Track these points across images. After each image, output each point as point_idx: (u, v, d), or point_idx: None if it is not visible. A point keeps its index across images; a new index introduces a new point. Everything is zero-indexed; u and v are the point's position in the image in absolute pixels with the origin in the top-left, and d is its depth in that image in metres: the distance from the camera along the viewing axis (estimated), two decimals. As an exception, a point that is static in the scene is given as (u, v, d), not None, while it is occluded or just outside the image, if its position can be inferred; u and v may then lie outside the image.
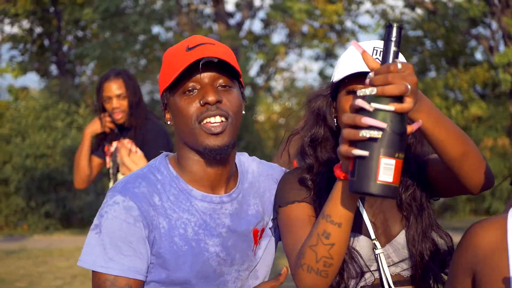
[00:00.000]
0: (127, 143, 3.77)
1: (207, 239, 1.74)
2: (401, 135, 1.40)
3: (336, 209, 1.48)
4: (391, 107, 1.38)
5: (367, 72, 1.49)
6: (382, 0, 23.46)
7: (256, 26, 49.31)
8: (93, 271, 1.74)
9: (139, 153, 3.70)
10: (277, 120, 23.50)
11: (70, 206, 15.55)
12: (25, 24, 19.60)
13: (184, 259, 1.72)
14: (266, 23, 24.41)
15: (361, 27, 24.32)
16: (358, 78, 1.72)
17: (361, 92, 1.40)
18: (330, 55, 25.17)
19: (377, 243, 1.78)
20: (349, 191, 1.41)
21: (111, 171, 3.89)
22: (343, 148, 1.40)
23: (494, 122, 21.11)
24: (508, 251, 1.43)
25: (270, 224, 1.90)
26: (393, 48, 1.49)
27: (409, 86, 1.39)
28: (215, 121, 1.71)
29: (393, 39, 1.51)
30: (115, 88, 3.67)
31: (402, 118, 1.42)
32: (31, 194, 15.70)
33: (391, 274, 1.79)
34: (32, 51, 20.21)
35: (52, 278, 7.86)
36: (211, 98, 1.69)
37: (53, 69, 21.11)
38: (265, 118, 23.30)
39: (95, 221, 1.69)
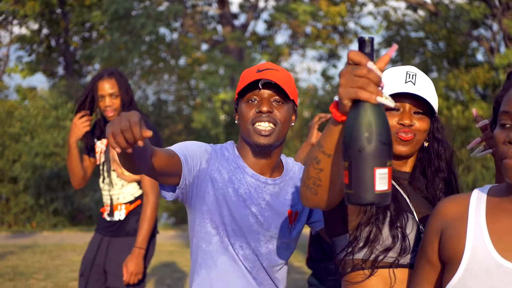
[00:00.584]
0: None
1: (249, 203, 2.24)
2: (389, 144, 1.47)
3: (329, 142, 1.60)
4: (392, 101, 1.47)
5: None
6: (384, 2, 23.55)
7: (260, 27, 49.36)
8: None
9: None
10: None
11: (78, 204, 15.78)
12: (33, 25, 19.84)
13: (235, 204, 2.22)
14: (270, 24, 24.57)
15: (364, 28, 24.37)
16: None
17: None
18: (333, 56, 25.32)
19: (422, 227, 2.00)
20: (347, 203, 1.49)
21: (102, 167, 3.92)
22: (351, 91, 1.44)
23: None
24: (468, 219, 1.74)
25: (305, 215, 2.36)
26: None
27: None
28: (264, 126, 2.24)
29: (366, 51, 1.47)
30: (108, 87, 3.74)
31: (388, 127, 1.47)
32: (39, 192, 15.91)
33: None
34: (39, 51, 20.44)
35: (68, 270, 8.13)
36: (264, 108, 2.22)
37: (59, 69, 21.35)
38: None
39: None
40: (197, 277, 2.23)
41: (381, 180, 1.44)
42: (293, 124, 2.33)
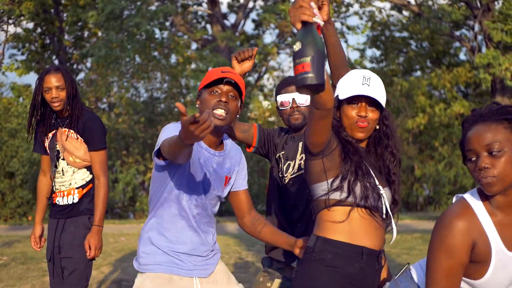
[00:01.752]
0: (64, 131, 4.04)
1: (204, 169, 2.95)
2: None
3: None
4: (320, 18, 2.19)
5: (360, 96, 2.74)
6: (370, 2, 24.00)
7: (248, 26, 49.62)
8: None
9: (79, 139, 4.02)
10: (268, 117, 24.08)
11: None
12: (27, 24, 20.20)
13: (192, 169, 2.90)
14: (258, 23, 24.97)
15: (350, 28, 24.80)
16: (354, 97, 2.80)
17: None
18: (319, 55, 25.80)
19: (380, 186, 2.78)
20: (304, 84, 2.11)
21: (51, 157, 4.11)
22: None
23: (475, 119, 21.84)
24: (486, 230, 2.36)
25: (233, 177, 3.14)
26: None
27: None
28: (221, 111, 2.88)
29: None
30: (54, 80, 3.96)
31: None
32: (36, 187, 16.30)
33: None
34: (33, 50, 20.80)
35: (73, 256, 8.65)
36: (223, 99, 2.89)
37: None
38: (258, 116, 23.80)
39: (162, 132, 2.90)
40: (153, 214, 2.98)
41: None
42: (238, 116, 3.03)
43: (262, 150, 3.68)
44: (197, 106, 2.97)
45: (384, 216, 2.74)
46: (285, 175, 3.54)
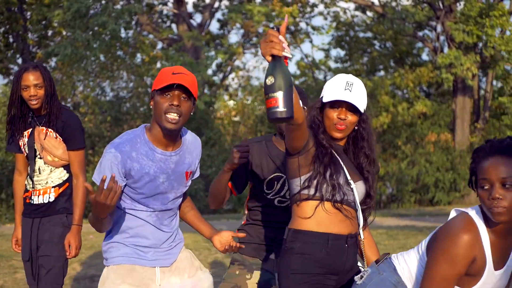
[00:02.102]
0: (42, 129, 4.01)
1: (161, 175, 3.00)
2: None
3: None
4: (290, 53, 2.41)
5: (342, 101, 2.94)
6: (334, 3, 24.27)
7: (213, 26, 49.55)
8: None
9: (58, 138, 4.00)
10: (234, 116, 24.19)
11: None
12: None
13: (147, 183, 2.98)
14: (223, 23, 25.06)
15: (315, 28, 25.06)
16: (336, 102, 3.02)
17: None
18: (284, 55, 25.94)
19: (352, 181, 3.01)
20: (274, 117, 2.36)
21: (28, 158, 4.07)
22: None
23: (437, 118, 22.19)
24: (485, 250, 2.58)
25: (196, 171, 3.25)
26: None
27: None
28: (173, 115, 2.89)
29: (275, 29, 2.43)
30: (33, 78, 3.90)
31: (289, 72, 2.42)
32: (2, 186, 16.16)
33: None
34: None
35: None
36: (175, 102, 2.90)
37: (16, 67, 21.52)
38: (223, 115, 23.89)
39: (101, 159, 2.98)
40: (120, 216, 3.06)
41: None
42: (192, 113, 3.08)
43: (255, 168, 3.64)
44: (150, 107, 3.03)
45: (356, 207, 2.98)
46: (286, 198, 3.56)
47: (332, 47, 26.03)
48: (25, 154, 4.07)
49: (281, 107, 2.35)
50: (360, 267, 3.05)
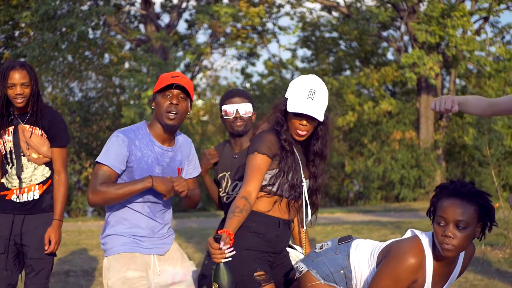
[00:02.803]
0: (25, 127, 4.04)
1: (156, 166, 3.39)
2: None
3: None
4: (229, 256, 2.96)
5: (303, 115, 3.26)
6: (300, 3, 24.53)
7: (181, 26, 49.42)
8: (96, 162, 3.37)
9: (43, 135, 4.06)
10: (202, 116, 24.36)
11: None
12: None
13: (143, 172, 3.35)
14: (191, 23, 25.18)
15: (281, 28, 25.26)
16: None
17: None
18: (252, 55, 26.17)
19: (303, 178, 3.36)
20: None
21: (9, 155, 4.07)
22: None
23: (402, 117, 22.51)
24: (426, 273, 2.90)
25: (185, 168, 3.59)
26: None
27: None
28: (173, 114, 3.32)
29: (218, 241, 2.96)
30: (19, 77, 3.90)
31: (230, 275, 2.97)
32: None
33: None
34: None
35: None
36: (174, 101, 3.34)
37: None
38: (192, 115, 24.04)
39: (108, 142, 3.36)
40: (110, 209, 3.40)
41: None
42: (189, 113, 3.50)
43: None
44: (152, 107, 3.43)
45: (305, 201, 3.37)
46: (230, 194, 4.01)
47: (299, 47, 26.33)
48: (3, 153, 4.06)
49: None
50: (287, 250, 3.45)
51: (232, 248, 2.94)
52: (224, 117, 3.98)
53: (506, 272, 6.82)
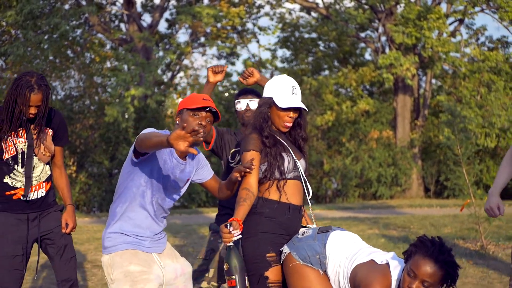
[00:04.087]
0: (37, 128, 4.25)
1: (171, 174, 3.58)
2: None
3: None
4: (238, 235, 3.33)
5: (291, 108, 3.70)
6: (280, 4, 24.86)
7: (161, 25, 49.45)
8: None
9: (51, 135, 4.32)
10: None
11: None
12: None
13: (160, 173, 3.57)
14: (171, 23, 25.38)
15: (261, 29, 25.56)
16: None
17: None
18: (232, 54, 26.45)
19: (296, 159, 3.78)
20: None
21: (22, 156, 4.21)
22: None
23: (380, 116, 22.97)
24: None
25: (199, 172, 3.88)
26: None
27: None
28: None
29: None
30: (35, 100, 4.06)
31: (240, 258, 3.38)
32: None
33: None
34: None
35: None
36: (203, 123, 3.52)
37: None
38: (174, 113, 24.24)
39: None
40: (120, 204, 3.61)
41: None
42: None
43: (217, 148, 4.75)
44: (176, 122, 3.63)
45: (302, 179, 3.80)
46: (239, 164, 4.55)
47: (279, 47, 26.64)
48: (13, 154, 4.18)
49: (238, 287, 3.28)
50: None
51: (239, 232, 3.31)
52: (238, 110, 4.74)
53: (476, 263, 7.25)
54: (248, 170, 3.43)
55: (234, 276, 3.27)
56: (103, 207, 18.57)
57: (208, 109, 3.54)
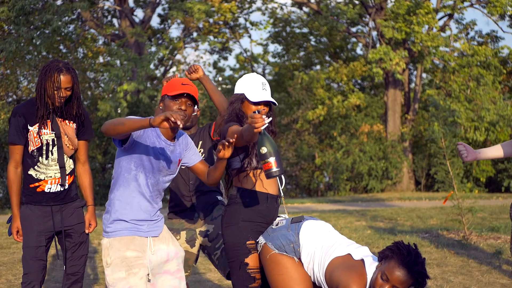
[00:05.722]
0: (64, 121, 4.28)
1: (160, 155, 3.73)
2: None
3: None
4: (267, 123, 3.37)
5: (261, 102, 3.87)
6: (271, -1, 25.09)
7: (154, 21, 49.41)
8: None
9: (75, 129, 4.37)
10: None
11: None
12: None
13: (149, 154, 3.71)
14: (163, 18, 25.50)
15: (253, 24, 25.75)
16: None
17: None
18: (224, 49, 26.63)
19: None
20: (270, 177, 3.41)
21: (46, 147, 4.24)
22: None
23: (370, 110, 23.27)
24: None
25: (186, 155, 4.04)
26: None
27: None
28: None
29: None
30: (65, 81, 4.07)
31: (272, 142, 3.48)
32: None
33: None
34: None
35: None
36: (182, 107, 3.70)
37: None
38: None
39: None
40: (116, 190, 3.79)
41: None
42: (194, 114, 3.93)
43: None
44: (160, 108, 3.80)
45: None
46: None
47: (270, 42, 26.78)
48: (37, 146, 4.22)
49: (275, 168, 3.40)
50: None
51: (270, 118, 3.36)
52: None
53: (457, 252, 7.46)
54: (231, 140, 3.52)
55: (269, 159, 3.39)
56: (96, 201, 18.70)
57: (185, 94, 3.71)
